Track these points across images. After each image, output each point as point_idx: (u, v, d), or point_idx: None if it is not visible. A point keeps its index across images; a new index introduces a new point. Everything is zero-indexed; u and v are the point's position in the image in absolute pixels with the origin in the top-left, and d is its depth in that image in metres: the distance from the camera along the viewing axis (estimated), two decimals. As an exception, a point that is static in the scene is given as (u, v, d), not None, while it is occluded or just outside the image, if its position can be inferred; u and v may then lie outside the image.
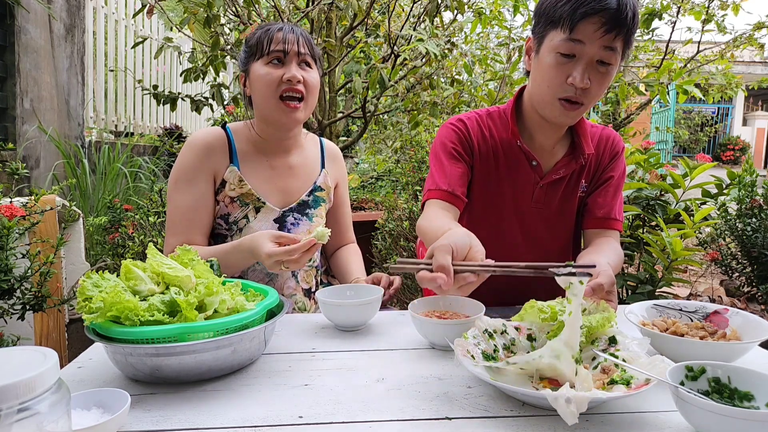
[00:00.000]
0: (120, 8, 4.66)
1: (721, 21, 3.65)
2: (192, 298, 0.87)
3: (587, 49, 1.13)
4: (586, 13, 1.10)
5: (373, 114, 3.28)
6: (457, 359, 0.82)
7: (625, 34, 1.13)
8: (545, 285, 1.40)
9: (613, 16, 1.09)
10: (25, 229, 1.48)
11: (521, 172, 1.34)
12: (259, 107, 1.38)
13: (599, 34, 1.11)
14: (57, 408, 0.50)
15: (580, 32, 1.12)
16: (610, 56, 1.14)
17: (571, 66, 1.15)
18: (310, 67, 1.37)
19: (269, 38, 1.33)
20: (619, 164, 1.40)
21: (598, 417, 0.77)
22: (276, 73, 1.32)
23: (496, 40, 4.04)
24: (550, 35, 1.17)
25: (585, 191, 1.40)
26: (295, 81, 1.31)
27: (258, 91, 1.34)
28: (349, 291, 1.23)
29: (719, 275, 3.14)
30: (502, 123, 1.37)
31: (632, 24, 1.12)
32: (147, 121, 5.27)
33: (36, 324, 1.83)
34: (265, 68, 1.32)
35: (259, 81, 1.33)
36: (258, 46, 1.34)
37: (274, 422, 0.75)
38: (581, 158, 1.34)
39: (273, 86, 1.31)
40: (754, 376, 0.74)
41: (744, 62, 12.58)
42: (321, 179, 1.50)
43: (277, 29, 1.34)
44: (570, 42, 1.13)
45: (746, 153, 13.62)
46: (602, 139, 1.40)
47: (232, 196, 1.38)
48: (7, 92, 3.09)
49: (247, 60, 1.37)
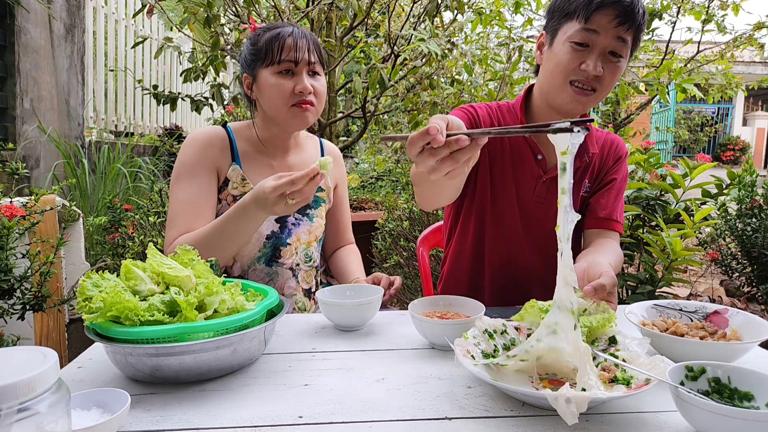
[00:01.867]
0: (120, 8, 4.66)
1: (721, 21, 3.65)
2: (192, 298, 0.87)
3: (600, 39, 1.19)
4: (602, 3, 1.16)
5: (373, 114, 3.29)
6: (457, 359, 0.82)
7: (635, 29, 1.19)
8: (545, 285, 1.41)
9: (627, 9, 1.16)
10: (25, 229, 1.48)
11: (526, 165, 1.36)
12: (268, 112, 1.37)
13: (613, 24, 1.17)
14: (57, 408, 0.49)
15: (595, 22, 1.18)
16: (621, 48, 1.20)
17: (585, 54, 1.21)
18: (318, 74, 1.37)
19: (280, 45, 1.30)
20: (621, 168, 1.43)
21: (598, 417, 0.77)
22: (287, 84, 1.31)
23: (496, 40, 4.03)
24: (564, 27, 1.23)
25: (587, 191, 1.42)
26: (307, 93, 1.32)
27: (268, 100, 1.34)
28: (349, 291, 1.23)
29: (719, 275, 3.15)
30: (511, 116, 1.41)
31: (642, 19, 1.19)
32: (147, 121, 5.27)
33: (36, 324, 1.83)
34: (275, 78, 1.31)
35: (270, 91, 1.32)
36: (268, 53, 1.31)
37: (274, 422, 0.75)
38: (585, 156, 1.37)
39: (285, 97, 1.31)
40: (754, 376, 0.74)
41: (744, 62, 12.57)
42: (321, 180, 1.50)
43: (287, 34, 1.32)
44: (584, 32, 1.19)
45: (746, 153, 13.62)
46: (606, 143, 1.43)
47: (235, 195, 1.38)
48: (7, 92, 3.09)
49: (254, 63, 1.35)
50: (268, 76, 1.32)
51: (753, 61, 12.74)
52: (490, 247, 1.44)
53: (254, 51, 1.35)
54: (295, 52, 1.31)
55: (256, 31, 1.38)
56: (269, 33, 1.33)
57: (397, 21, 3.59)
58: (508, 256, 1.43)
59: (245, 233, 1.27)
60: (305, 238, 1.46)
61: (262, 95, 1.35)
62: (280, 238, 1.42)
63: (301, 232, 1.45)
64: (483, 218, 1.43)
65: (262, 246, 1.41)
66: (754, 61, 12.75)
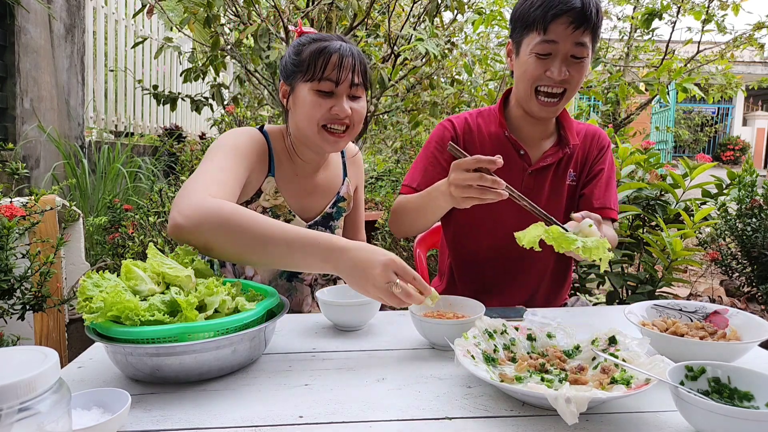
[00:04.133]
0: (120, 8, 4.66)
1: (721, 21, 3.65)
2: (192, 298, 0.87)
3: (560, 47, 1.28)
4: (556, 14, 1.25)
5: (373, 114, 3.28)
6: (457, 359, 0.83)
7: (592, 29, 1.29)
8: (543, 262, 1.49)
9: (579, 14, 1.25)
10: (25, 229, 1.48)
11: (510, 160, 1.42)
12: (300, 128, 1.29)
13: (569, 31, 1.26)
14: (57, 408, 0.50)
15: (552, 32, 1.27)
16: (581, 51, 1.29)
17: (548, 62, 1.30)
18: (359, 97, 1.28)
19: (324, 62, 1.21)
20: (606, 157, 1.52)
21: (598, 417, 0.77)
22: (325, 104, 1.22)
23: (496, 40, 4.04)
24: (527, 39, 1.32)
25: (574, 180, 1.49)
26: (344, 116, 1.23)
27: (302, 115, 1.25)
28: (349, 291, 1.23)
29: (719, 275, 3.14)
30: (492, 119, 1.50)
31: (597, 19, 1.28)
32: (147, 121, 5.27)
33: (36, 324, 1.83)
34: (313, 96, 1.22)
35: (306, 107, 1.24)
36: (310, 67, 1.22)
37: (274, 422, 0.75)
38: (567, 148, 1.45)
39: (318, 115, 1.23)
40: (754, 376, 0.74)
41: (744, 62, 12.57)
42: (344, 189, 1.46)
43: (334, 50, 1.22)
44: (545, 43, 1.28)
45: (746, 153, 13.62)
46: (588, 135, 1.52)
47: (265, 206, 1.33)
48: (7, 92, 3.09)
49: (294, 74, 1.26)
50: (306, 92, 1.23)
51: (753, 61, 12.74)
52: (483, 233, 1.50)
53: (296, 62, 1.25)
54: (338, 72, 1.21)
55: (302, 39, 1.29)
56: (315, 45, 1.24)
57: (397, 21, 3.58)
58: (500, 243, 1.47)
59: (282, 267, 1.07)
60: None
61: (296, 109, 1.28)
62: None
63: None
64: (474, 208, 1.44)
65: None
66: (754, 61, 12.75)
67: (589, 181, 1.50)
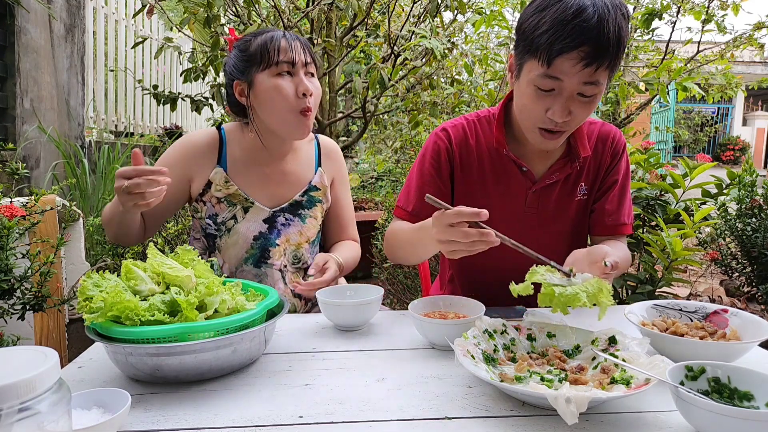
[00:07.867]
0: (120, 8, 4.66)
1: (721, 21, 3.64)
2: (192, 298, 0.87)
3: (566, 84, 1.06)
4: (562, 50, 1.01)
5: (373, 114, 3.29)
6: (457, 359, 0.83)
7: (608, 65, 1.05)
8: None
9: (593, 50, 1.01)
10: (25, 229, 1.47)
11: (511, 178, 1.30)
12: (270, 119, 1.34)
13: (578, 69, 1.03)
14: (57, 408, 0.50)
15: (557, 69, 1.04)
16: (592, 90, 1.07)
17: (550, 100, 1.09)
18: (313, 76, 1.35)
19: (276, 47, 1.28)
20: (621, 164, 1.34)
21: (598, 417, 0.77)
22: (288, 85, 1.29)
23: (496, 40, 4.04)
24: (528, 65, 1.09)
25: (585, 194, 1.34)
26: (309, 94, 1.30)
27: (272, 104, 1.30)
28: (349, 291, 1.23)
29: (719, 275, 3.14)
30: (488, 128, 1.33)
31: (616, 51, 1.03)
32: (147, 121, 5.27)
33: (36, 324, 1.83)
34: (274, 80, 1.29)
35: (271, 93, 1.29)
36: (263, 55, 1.29)
37: (275, 422, 0.75)
38: (576, 163, 1.29)
39: (291, 100, 1.29)
40: (754, 376, 0.74)
41: (744, 62, 12.57)
42: (317, 179, 1.48)
43: (280, 37, 1.30)
44: (547, 78, 1.06)
45: (746, 153, 13.62)
46: (601, 138, 1.33)
47: (219, 197, 1.38)
48: (7, 92, 3.09)
49: (248, 69, 1.32)
50: (266, 79, 1.29)
51: (753, 61, 12.75)
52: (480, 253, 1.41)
53: (246, 57, 1.31)
54: (291, 53, 1.29)
55: (243, 39, 1.36)
56: (260, 37, 1.31)
57: (397, 21, 3.58)
58: (497, 263, 1.32)
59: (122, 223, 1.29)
60: (295, 239, 1.44)
61: (261, 100, 1.32)
62: (269, 239, 1.40)
63: (291, 233, 1.43)
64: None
65: (250, 247, 1.39)
66: (754, 61, 12.75)
67: (601, 195, 1.34)
